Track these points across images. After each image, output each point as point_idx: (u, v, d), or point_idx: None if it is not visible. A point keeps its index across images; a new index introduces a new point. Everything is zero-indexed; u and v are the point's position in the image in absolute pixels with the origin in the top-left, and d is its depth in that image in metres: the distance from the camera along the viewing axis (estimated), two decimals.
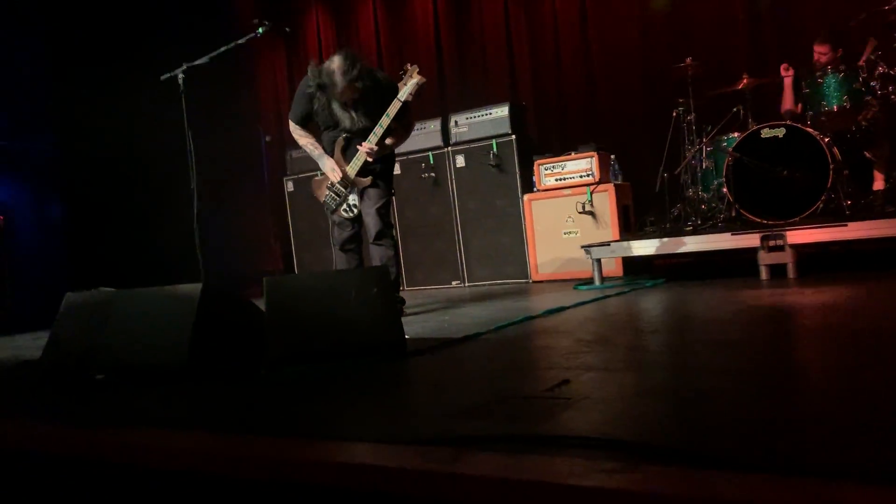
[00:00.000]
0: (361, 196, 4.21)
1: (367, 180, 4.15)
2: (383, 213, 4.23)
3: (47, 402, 2.60)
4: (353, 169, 4.13)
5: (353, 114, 4.01)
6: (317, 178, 4.34)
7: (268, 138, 7.29)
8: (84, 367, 2.87)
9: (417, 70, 3.98)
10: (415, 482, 1.40)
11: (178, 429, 1.93)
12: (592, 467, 1.30)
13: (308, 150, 4.28)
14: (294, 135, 4.28)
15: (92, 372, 2.83)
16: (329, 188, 4.25)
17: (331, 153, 4.19)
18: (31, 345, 4.39)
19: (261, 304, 2.80)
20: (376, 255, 4.29)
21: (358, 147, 4.06)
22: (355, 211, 4.24)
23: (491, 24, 7.27)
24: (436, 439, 1.56)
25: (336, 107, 4.03)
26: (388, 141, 4.14)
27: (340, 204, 4.24)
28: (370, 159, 4.05)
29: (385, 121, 3.99)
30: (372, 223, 4.24)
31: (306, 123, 4.23)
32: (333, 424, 1.92)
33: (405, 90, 3.96)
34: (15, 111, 6.62)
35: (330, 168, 4.19)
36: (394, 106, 3.96)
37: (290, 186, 7.10)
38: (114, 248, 6.75)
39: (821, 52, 4.96)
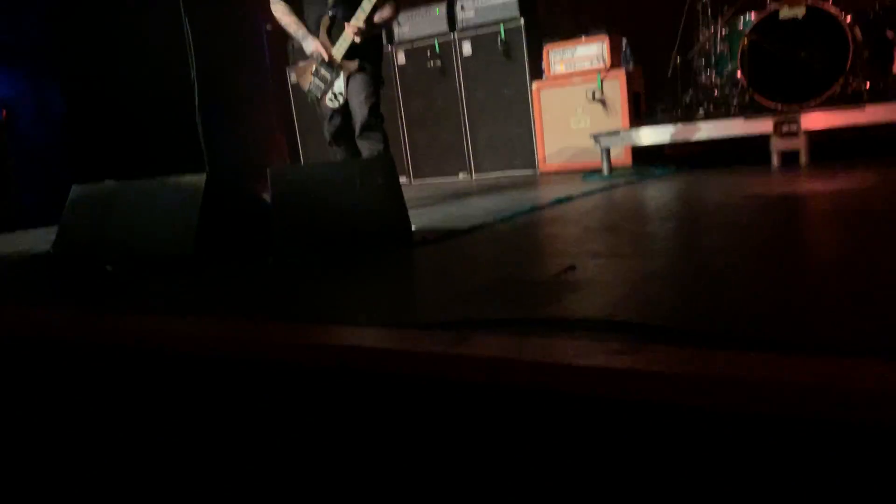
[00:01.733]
0: (347, 83, 3.96)
1: (355, 64, 3.90)
2: (372, 102, 3.97)
3: (59, 292, 2.64)
4: (339, 51, 3.88)
5: None
6: (300, 64, 4.10)
7: (269, 27, 7.06)
8: (93, 258, 2.90)
9: None
10: (420, 364, 1.42)
11: (185, 313, 1.96)
12: (597, 348, 1.31)
13: (291, 31, 4.02)
14: (276, 13, 4.01)
15: (101, 263, 2.86)
16: (314, 74, 4.00)
17: (316, 34, 3.94)
18: (42, 238, 4.42)
19: (267, 196, 2.79)
20: (364, 149, 4.06)
21: (346, 25, 3.81)
22: (341, 99, 3.99)
23: None
24: (441, 322, 1.57)
25: None
26: (376, 18, 3.88)
27: (326, 91, 3.99)
28: (358, 39, 3.81)
29: (360, 16, 3.77)
30: (359, 114, 3.98)
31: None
32: (340, 309, 1.94)
33: None
34: (8, 2, 6.40)
35: (314, 49, 3.94)
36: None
37: (293, 77, 6.93)
38: (116, 138, 6.67)
39: None
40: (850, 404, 1.02)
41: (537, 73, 5.72)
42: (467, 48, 5.94)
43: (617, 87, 5.33)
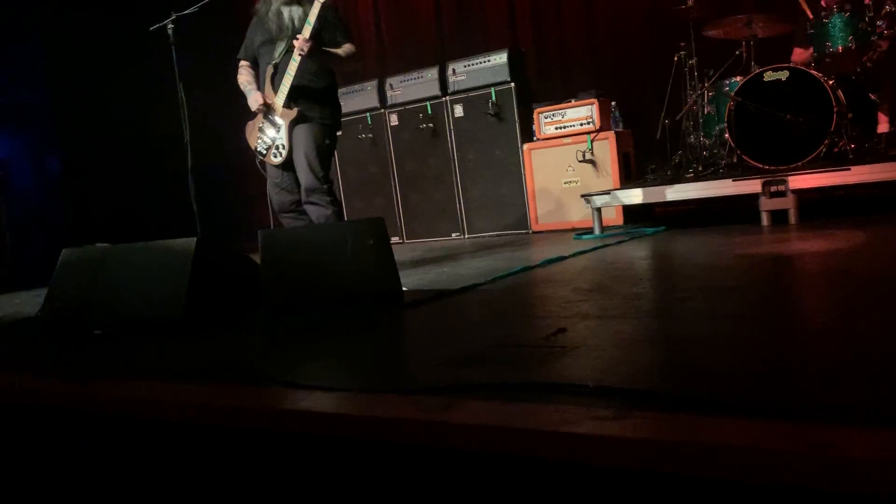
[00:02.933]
0: (291, 135, 3.67)
1: (294, 112, 3.64)
2: (314, 160, 3.64)
3: (45, 357, 2.61)
4: (280, 98, 3.65)
5: (286, 11, 3.64)
6: (249, 122, 3.89)
7: None
8: (81, 322, 2.88)
9: None
10: (409, 431, 1.39)
11: (174, 380, 1.94)
12: (585, 414, 1.30)
13: (243, 88, 3.86)
14: (238, 76, 3.91)
15: (89, 326, 2.83)
16: (259, 129, 3.78)
17: (262, 88, 3.76)
18: (30, 301, 4.40)
19: (257, 257, 2.79)
20: (312, 216, 3.70)
21: (290, 65, 3.58)
22: (284, 152, 3.68)
23: None
24: (430, 387, 1.55)
25: (271, 13, 3.67)
26: (330, 49, 3.66)
27: (269, 147, 3.74)
28: (303, 52, 3.51)
29: (307, 29, 3.52)
30: (301, 174, 3.67)
31: (251, 58, 3.89)
32: (327, 373, 1.91)
33: None
34: (9, 66, 6.53)
35: (253, 99, 3.74)
36: (314, 9, 3.51)
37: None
38: (111, 201, 6.73)
39: None
40: (841, 473, 1.00)
41: (528, 134, 5.81)
42: (459, 110, 6.05)
43: (606, 148, 5.41)
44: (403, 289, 2.99)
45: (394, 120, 6.36)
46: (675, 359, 1.72)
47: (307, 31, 3.54)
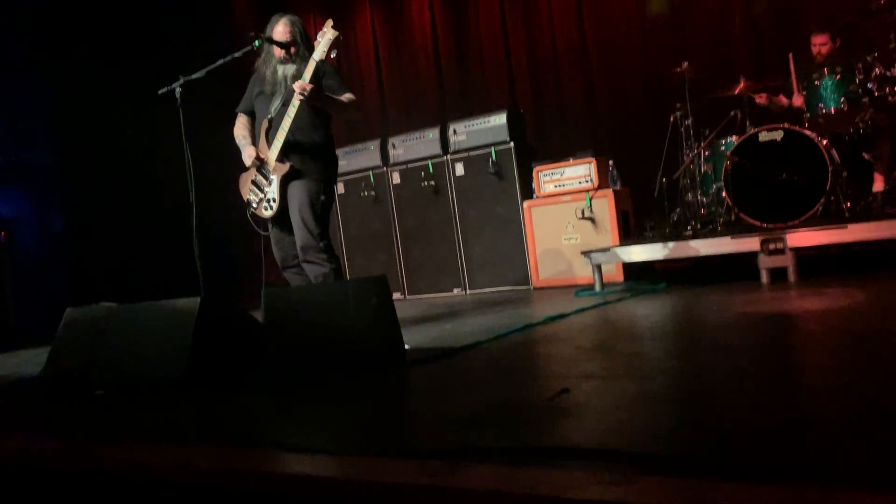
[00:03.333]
0: (284, 190, 3.66)
1: (286, 166, 3.62)
2: (308, 216, 3.60)
3: (46, 418, 2.60)
4: (273, 153, 3.65)
5: (280, 69, 3.69)
6: (243, 174, 3.89)
7: None
8: (84, 382, 2.87)
9: (332, 24, 3.56)
10: (414, 497, 1.39)
11: (175, 442, 1.93)
12: (590, 479, 1.30)
13: (237, 142, 3.89)
14: (234, 129, 3.95)
15: (92, 387, 2.83)
16: (252, 182, 3.78)
17: (257, 142, 3.78)
18: (32, 360, 4.39)
19: (260, 315, 2.80)
20: (309, 274, 3.66)
21: (284, 121, 3.58)
22: (274, 206, 3.67)
23: (488, 31, 7.29)
24: (433, 451, 1.55)
25: (269, 69, 3.73)
26: (333, 95, 3.67)
27: (261, 200, 3.74)
28: (304, 95, 3.48)
29: (306, 75, 3.55)
30: (296, 232, 3.64)
31: (248, 110, 3.93)
32: (332, 435, 1.91)
33: (319, 48, 3.54)
34: (17, 124, 6.65)
35: (248, 154, 3.75)
36: (309, 67, 3.55)
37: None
38: (116, 260, 6.76)
39: (819, 43, 4.93)
40: None
41: (528, 192, 5.88)
42: (460, 169, 6.14)
43: (605, 206, 5.47)
44: (406, 347, 3.00)
45: (396, 178, 6.44)
46: (678, 420, 1.72)
47: (307, 76, 3.55)
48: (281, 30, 3.74)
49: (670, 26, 6.36)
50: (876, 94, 4.51)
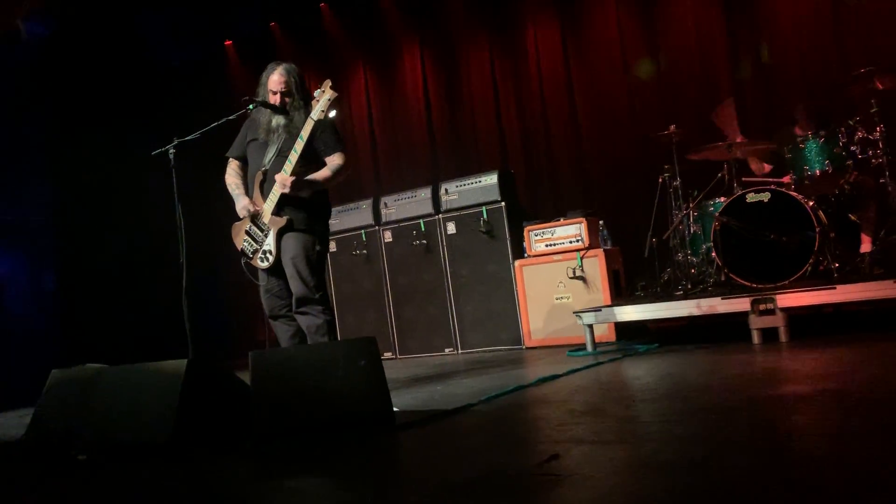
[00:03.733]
0: (280, 243, 3.67)
1: (283, 220, 3.64)
2: (304, 268, 3.61)
3: (30, 485, 2.54)
4: (269, 206, 3.67)
5: (275, 119, 3.72)
6: (236, 224, 3.90)
7: None
8: (67, 447, 2.82)
9: (330, 85, 3.63)
10: None
11: None
12: None
13: (230, 191, 3.90)
14: (226, 175, 3.95)
15: (75, 451, 2.78)
16: (247, 232, 3.79)
17: (251, 193, 3.78)
18: (16, 423, 4.31)
19: (248, 377, 2.77)
20: (302, 325, 3.69)
21: (275, 179, 3.62)
22: (271, 258, 3.68)
23: (479, 93, 7.44)
24: None
25: (264, 118, 3.75)
26: (315, 176, 3.67)
27: (256, 251, 3.74)
28: (286, 190, 3.57)
29: (299, 144, 3.59)
30: (293, 283, 3.64)
31: (240, 156, 3.93)
32: (319, 501, 1.87)
33: (317, 108, 3.60)
34: (12, 184, 6.69)
35: (242, 206, 3.77)
36: (307, 126, 3.60)
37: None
38: (107, 320, 6.73)
39: (803, 129, 5.08)
40: None
41: (519, 251, 5.91)
42: (452, 228, 6.18)
43: (596, 265, 5.50)
44: (395, 409, 2.96)
45: (388, 237, 6.47)
46: (670, 487, 1.70)
47: (290, 166, 3.60)
48: (276, 79, 3.79)
49: (657, 90, 6.51)
50: (859, 156, 4.59)
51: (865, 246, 4.81)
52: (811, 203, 4.48)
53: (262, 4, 7.93)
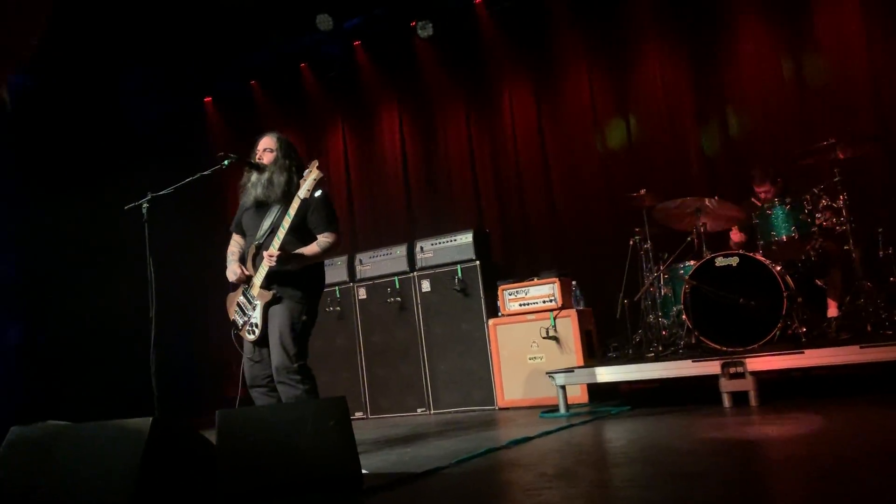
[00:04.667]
0: (266, 315, 3.72)
1: (269, 294, 3.69)
2: (287, 338, 3.63)
3: None
4: (258, 279, 3.72)
5: (263, 181, 3.79)
6: (230, 294, 3.94)
7: None
8: None
9: (317, 165, 3.75)
10: None
11: None
12: None
13: (227, 259, 3.98)
14: (228, 248, 4.03)
15: None
16: (238, 304, 3.84)
17: (246, 263, 3.83)
18: None
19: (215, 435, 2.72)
20: (282, 396, 3.66)
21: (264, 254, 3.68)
22: (257, 332, 3.72)
23: (456, 154, 7.54)
24: None
25: (253, 182, 3.83)
26: (303, 251, 3.73)
27: (245, 322, 3.78)
28: (272, 264, 3.62)
29: (286, 221, 3.66)
30: (273, 352, 3.66)
31: (240, 230, 4.00)
32: None
33: (304, 187, 3.68)
34: None
35: (231, 270, 3.84)
36: (293, 205, 3.68)
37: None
38: (72, 375, 6.58)
39: (763, 190, 5.22)
40: None
41: (493, 310, 5.92)
42: (426, 285, 6.18)
43: (569, 325, 5.52)
44: (364, 472, 2.91)
45: (362, 293, 6.46)
46: None
47: (277, 241, 3.66)
48: (265, 140, 3.94)
49: (628, 154, 6.67)
50: (824, 224, 4.71)
51: (832, 311, 4.91)
52: (778, 268, 4.57)
53: (243, 62, 8.04)
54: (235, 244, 4.04)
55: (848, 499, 2.01)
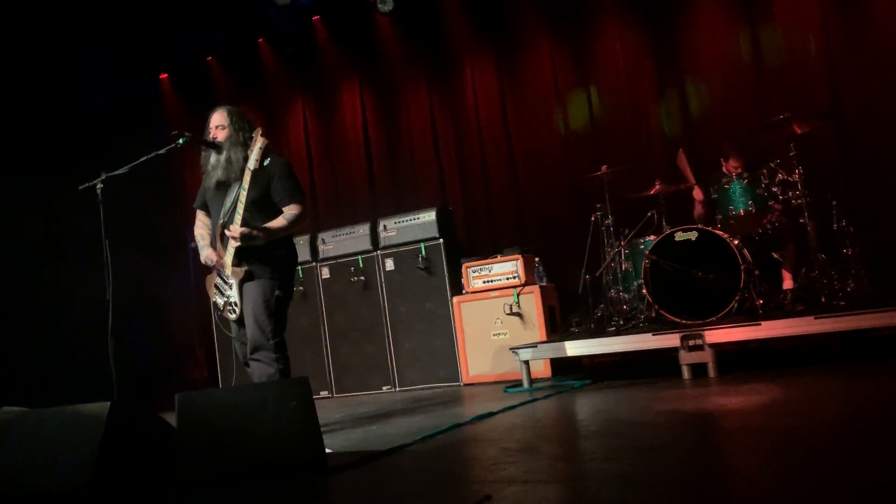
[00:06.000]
0: (241, 292, 3.69)
1: (241, 271, 3.66)
2: (261, 315, 3.62)
3: None
4: (228, 258, 3.69)
5: (222, 161, 3.72)
6: (208, 276, 3.91)
7: (193, 244, 7.22)
8: None
9: (261, 132, 3.73)
10: None
11: None
12: None
13: (196, 242, 3.96)
14: (194, 227, 4.00)
15: None
16: (216, 286, 3.82)
17: (216, 244, 3.79)
18: None
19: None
20: (254, 374, 3.66)
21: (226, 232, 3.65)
22: (237, 310, 3.71)
23: (419, 132, 7.50)
24: None
25: (213, 162, 3.76)
26: (269, 225, 3.68)
27: (226, 303, 3.76)
28: (236, 242, 3.62)
29: (242, 195, 3.65)
30: (249, 330, 3.65)
31: (204, 206, 3.97)
32: None
33: (251, 158, 3.67)
34: None
35: (205, 257, 3.82)
36: (245, 177, 3.67)
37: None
38: (28, 360, 6.44)
39: (734, 166, 5.28)
40: None
41: (457, 288, 5.93)
42: (390, 264, 6.16)
43: (532, 302, 5.56)
44: (328, 451, 2.91)
45: (325, 273, 6.42)
46: None
47: (238, 219, 3.62)
48: (216, 116, 3.86)
49: (590, 130, 6.70)
50: (781, 197, 4.80)
51: (787, 283, 5.01)
52: (736, 242, 4.64)
53: (199, 39, 7.85)
54: (201, 223, 3.98)
55: (802, 469, 2.06)
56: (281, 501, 2.38)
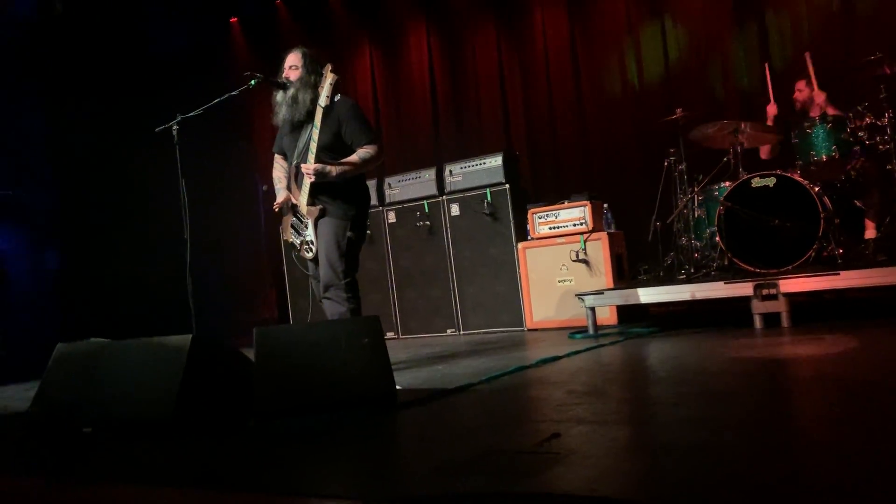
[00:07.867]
0: (317, 231, 3.74)
1: (316, 209, 3.71)
2: (333, 254, 3.67)
3: (34, 457, 2.56)
4: (303, 198, 3.74)
5: (288, 99, 3.74)
6: (284, 217, 3.97)
7: (265, 187, 7.37)
8: (72, 420, 2.84)
9: (331, 68, 3.71)
10: None
11: (160, 486, 1.91)
12: None
13: (274, 185, 4.01)
14: (273, 170, 4.06)
15: (80, 425, 2.80)
16: (292, 226, 3.88)
17: (291, 186, 3.85)
18: (22, 395, 4.35)
19: (252, 354, 2.79)
20: (327, 312, 3.75)
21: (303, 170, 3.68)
22: (314, 249, 3.76)
23: (485, 76, 7.40)
24: (421, 498, 1.54)
25: (285, 103, 3.77)
26: (343, 162, 3.70)
27: (302, 243, 3.82)
28: (311, 179, 3.64)
29: (315, 133, 3.67)
30: (322, 269, 3.72)
31: (281, 151, 4.02)
32: (320, 480, 1.89)
33: (322, 94, 3.68)
34: (13, 159, 6.70)
35: (282, 199, 3.88)
36: (317, 115, 3.68)
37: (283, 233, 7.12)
38: (108, 297, 6.76)
39: (798, 88, 5.03)
40: None
41: (522, 233, 5.91)
42: (455, 209, 6.17)
43: (599, 249, 5.49)
44: (398, 388, 2.98)
45: (391, 217, 6.48)
46: (669, 469, 1.71)
47: (311, 157, 3.65)
48: (290, 57, 3.88)
49: (662, 77, 6.48)
50: (867, 142, 4.57)
51: (870, 232, 4.81)
52: (816, 189, 4.46)
53: None
54: (279, 167, 4.05)
55: (877, 420, 2.01)
56: (354, 433, 2.46)
